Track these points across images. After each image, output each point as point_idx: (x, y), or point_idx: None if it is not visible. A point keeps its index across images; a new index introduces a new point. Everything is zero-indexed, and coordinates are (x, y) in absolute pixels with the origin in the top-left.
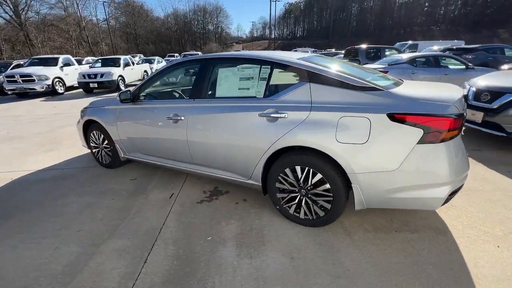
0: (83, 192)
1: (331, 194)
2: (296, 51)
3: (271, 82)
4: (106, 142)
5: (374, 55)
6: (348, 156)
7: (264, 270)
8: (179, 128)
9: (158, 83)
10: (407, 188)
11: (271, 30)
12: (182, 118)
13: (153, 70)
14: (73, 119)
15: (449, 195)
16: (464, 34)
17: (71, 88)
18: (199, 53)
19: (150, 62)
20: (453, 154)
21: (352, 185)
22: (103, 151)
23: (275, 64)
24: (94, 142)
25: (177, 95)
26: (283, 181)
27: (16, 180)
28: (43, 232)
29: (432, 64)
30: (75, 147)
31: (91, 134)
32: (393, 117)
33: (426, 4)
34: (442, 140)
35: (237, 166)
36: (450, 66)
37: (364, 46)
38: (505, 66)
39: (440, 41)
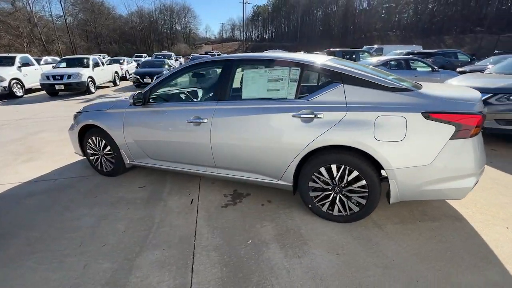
0: (91, 203)
1: (367, 190)
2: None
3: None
4: (108, 148)
5: (350, 58)
6: (386, 153)
7: (316, 268)
8: (202, 131)
9: (169, 85)
10: (439, 180)
11: (244, 31)
12: (205, 120)
13: (124, 71)
14: (45, 125)
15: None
16: (416, 40)
17: (31, 90)
18: (172, 53)
19: (119, 62)
20: (478, 148)
21: (389, 180)
22: (103, 158)
23: (305, 66)
24: (92, 149)
25: (192, 96)
26: (316, 180)
27: (4, 195)
28: (62, 250)
29: (404, 66)
30: (60, 155)
31: (89, 140)
32: (427, 115)
33: (383, 11)
34: (471, 136)
35: (267, 168)
36: (418, 69)
37: (340, 49)
38: (464, 68)
39: (403, 45)
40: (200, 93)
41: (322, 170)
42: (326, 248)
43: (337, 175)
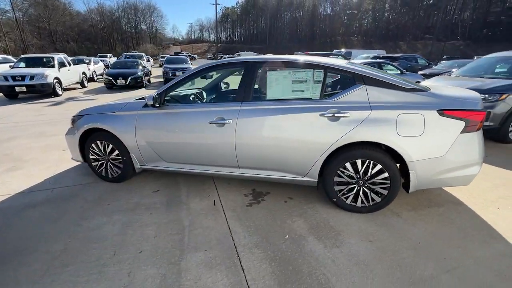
0: (106, 211)
1: (389, 182)
2: (239, 55)
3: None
4: (116, 153)
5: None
6: (408, 147)
7: (357, 255)
8: (226, 131)
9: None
10: (450, 169)
11: (216, 33)
12: (230, 121)
13: (91, 72)
14: (16, 131)
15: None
16: (376, 44)
17: None
18: (143, 54)
19: (83, 62)
20: (481, 140)
21: (409, 171)
22: (109, 163)
23: (328, 69)
24: (96, 154)
25: (207, 97)
26: (341, 174)
27: None
28: (96, 260)
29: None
30: (46, 162)
31: (92, 145)
32: (442, 112)
33: (345, 18)
34: (477, 130)
35: (293, 165)
36: (389, 71)
37: (317, 52)
38: (424, 71)
39: (368, 50)
40: (214, 94)
41: (348, 165)
42: (358, 236)
43: (361, 169)
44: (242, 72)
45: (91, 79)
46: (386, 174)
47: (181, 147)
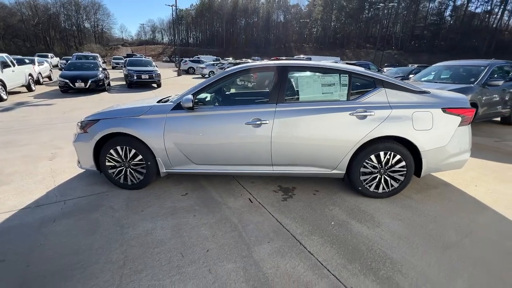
0: (145, 217)
1: (405, 169)
2: (198, 57)
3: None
4: (139, 158)
5: None
6: (421, 139)
7: (395, 232)
8: (262, 132)
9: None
10: (450, 156)
11: (174, 35)
12: (267, 122)
13: (38, 73)
14: None
15: None
16: (326, 51)
17: None
18: (97, 54)
19: (25, 63)
20: (470, 132)
21: (422, 159)
22: (129, 169)
23: (352, 73)
24: (114, 161)
25: (232, 100)
26: (366, 165)
27: (7, 227)
28: (168, 264)
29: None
30: (37, 175)
31: (111, 151)
32: (445, 110)
33: (296, 25)
34: (468, 124)
35: (324, 160)
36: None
37: (286, 58)
38: None
39: (326, 56)
40: (239, 96)
41: (372, 157)
42: (389, 217)
43: (384, 160)
44: (276, 76)
45: (37, 82)
46: (403, 163)
47: (215, 148)
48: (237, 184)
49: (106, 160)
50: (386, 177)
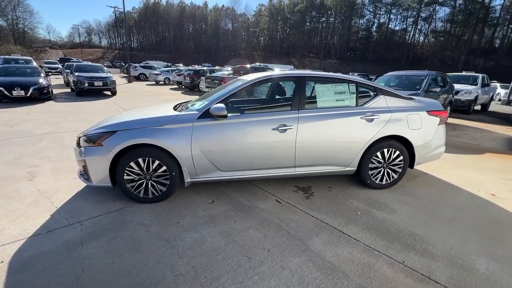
0: (186, 228)
1: (403, 163)
2: (148, 63)
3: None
4: (163, 169)
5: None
6: (414, 136)
7: (409, 214)
8: (287, 136)
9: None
10: (433, 149)
11: (126, 39)
12: (292, 127)
13: None
14: None
15: None
16: (274, 60)
17: None
18: (31, 58)
19: None
20: (445, 130)
21: (415, 153)
22: (150, 182)
23: (359, 84)
24: (135, 174)
25: (253, 106)
26: (373, 161)
27: (27, 257)
28: (240, 267)
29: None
30: (27, 197)
31: (131, 163)
32: (429, 113)
33: (244, 34)
34: (444, 123)
35: (340, 159)
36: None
37: (256, 64)
38: None
39: (280, 64)
40: (260, 103)
41: (378, 153)
42: (398, 203)
43: (387, 155)
44: (295, 85)
45: None
46: (401, 157)
47: (242, 154)
48: (257, 188)
49: (125, 174)
50: (388, 170)
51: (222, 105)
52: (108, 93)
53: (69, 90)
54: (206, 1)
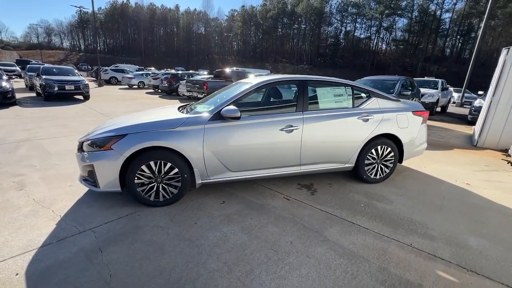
0: (205, 228)
1: (393, 158)
2: (117, 66)
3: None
4: (175, 171)
5: (245, 77)
6: (403, 134)
7: (406, 204)
8: (293, 136)
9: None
10: (417, 146)
11: (97, 41)
12: (298, 127)
13: None
14: None
15: None
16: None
17: None
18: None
19: None
20: (426, 128)
21: (404, 149)
22: (161, 185)
23: (354, 86)
24: (146, 177)
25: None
26: (369, 158)
27: (44, 267)
28: (268, 260)
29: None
30: (24, 207)
31: (142, 167)
32: (414, 113)
33: (217, 38)
34: (425, 122)
35: (340, 156)
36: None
37: (233, 69)
38: None
39: (258, 69)
40: (265, 105)
41: (373, 150)
42: (393, 195)
43: (380, 152)
44: (297, 88)
45: None
46: (392, 153)
47: (252, 154)
48: (263, 187)
49: (136, 177)
50: (381, 165)
51: (234, 107)
52: (80, 97)
53: (33, 94)
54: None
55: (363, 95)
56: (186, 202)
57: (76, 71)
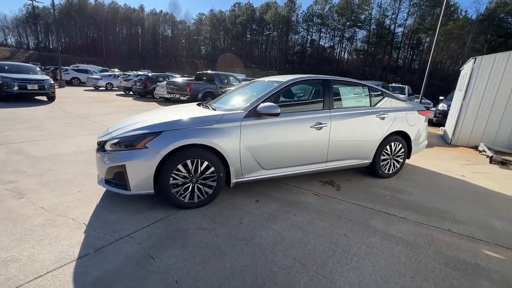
0: (254, 227)
1: (403, 154)
2: (77, 66)
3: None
4: (211, 170)
5: (227, 80)
6: (411, 131)
7: (423, 194)
8: (322, 133)
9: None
10: (421, 142)
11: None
12: (326, 124)
13: None
14: None
15: None
16: (216, 68)
17: None
18: None
19: None
20: (427, 126)
21: (412, 146)
22: (196, 185)
23: (370, 88)
24: (181, 177)
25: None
26: (384, 154)
27: (95, 279)
28: (338, 249)
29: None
30: (27, 219)
31: (179, 166)
32: (419, 112)
33: (185, 41)
34: (426, 121)
35: (361, 152)
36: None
37: (214, 72)
38: None
39: (235, 73)
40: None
41: (387, 147)
42: (409, 187)
43: (394, 148)
44: (322, 86)
45: None
46: (403, 150)
47: (285, 151)
48: (288, 185)
49: (171, 178)
50: (393, 161)
51: (273, 103)
52: (42, 98)
53: None
54: (142, 4)
55: (377, 94)
56: (218, 203)
57: (38, 69)
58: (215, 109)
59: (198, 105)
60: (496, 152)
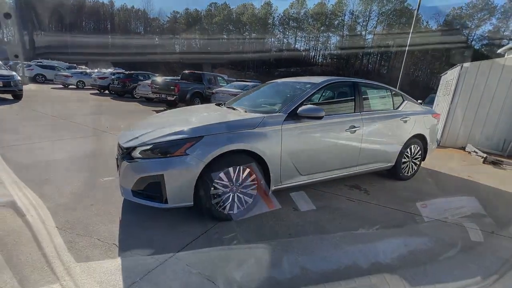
0: (322, 237)
1: (420, 156)
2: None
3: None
4: (252, 177)
5: (214, 80)
6: (428, 133)
7: (441, 192)
8: (355, 136)
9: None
10: (433, 144)
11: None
12: (359, 128)
13: None
14: None
15: None
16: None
17: None
18: None
19: None
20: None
21: (428, 147)
22: (237, 194)
23: (392, 91)
24: (223, 186)
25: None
26: (405, 156)
27: None
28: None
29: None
30: (48, 238)
31: (220, 174)
32: (432, 115)
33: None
34: (438, 124)
35: (388, 155)
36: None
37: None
38: None
39: (217, 74)
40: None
41: (408, 149)
42: (428, 188)
43: (413, 151)
44: (352, 89)
45: None
46: (420, 152)
47: (322, 156)
48: (315, 191)
49: (213, 187)
50: (411, 163)
51: (315, 106)
52: (7, 96)
53: None
54: None
55: (398, 98)
56: (257, 214)
57: (1, 63)
58: (246, 111)
59: (217, 105)
60: (484, 153)
